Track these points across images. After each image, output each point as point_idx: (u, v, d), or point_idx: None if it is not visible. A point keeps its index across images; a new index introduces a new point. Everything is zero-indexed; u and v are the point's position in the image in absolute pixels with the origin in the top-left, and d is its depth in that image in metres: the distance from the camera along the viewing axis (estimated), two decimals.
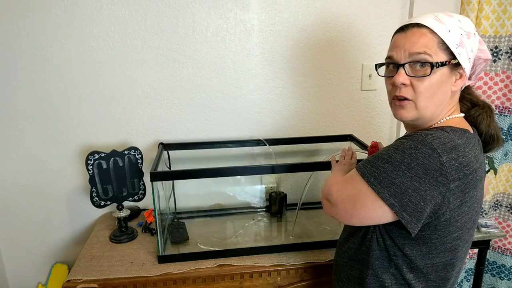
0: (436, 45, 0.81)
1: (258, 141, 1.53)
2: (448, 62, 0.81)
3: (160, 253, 1.23)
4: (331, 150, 1.65)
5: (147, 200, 1.40)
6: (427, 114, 0.84)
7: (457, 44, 0.81)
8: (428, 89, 0.82)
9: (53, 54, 1.39)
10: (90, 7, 1.36)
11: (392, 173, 0.77)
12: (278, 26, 1.48)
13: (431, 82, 0.81)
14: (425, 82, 0.81)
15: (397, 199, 0.77)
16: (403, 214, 0.77)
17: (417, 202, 0.76)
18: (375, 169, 0.80)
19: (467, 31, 0.82)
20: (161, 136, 1.53)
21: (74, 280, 1.15)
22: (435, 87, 0.82)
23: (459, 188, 0.77)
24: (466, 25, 0.83)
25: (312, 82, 1.57)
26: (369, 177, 0.80)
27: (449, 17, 0.83)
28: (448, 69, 0.82)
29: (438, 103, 0.84)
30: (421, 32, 0.81)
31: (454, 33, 0.81)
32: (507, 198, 1.75)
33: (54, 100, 1.43)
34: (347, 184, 0.85)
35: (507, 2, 1.47)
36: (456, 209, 0.79)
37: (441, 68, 0.80)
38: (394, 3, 1.52)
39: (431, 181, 0.75)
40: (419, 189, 0.76)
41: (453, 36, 0.81)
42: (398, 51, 0.84)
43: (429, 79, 0.81)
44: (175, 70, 1.47)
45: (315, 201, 1.66)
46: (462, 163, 0.77)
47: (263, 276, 1.22)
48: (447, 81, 0.83)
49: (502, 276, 1.83)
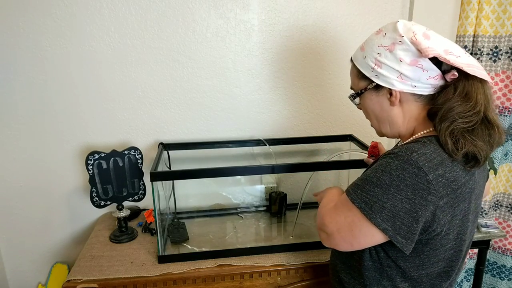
0: (356, 76, 0.90)
1: (258, 141, 1.53)
2: (364, 89, 0.88)
3: (160, 253, 1.23)
4: (331, 150, 1.65)
5: (147, 200, 1.39)
6: (389, 132, 0.90)
7: (371, 68, 0.85)
8: (365, 113, 0.94)
9: (53, 54, 1.39)
10: (90, 7, 1.36)
11: (383, 197, 0.75)
12: (278, 26, 1.48)
13: (365, 107, 0.92)
14: (362, 109, 0.94)
15: (390, 223, 0.75)
16: (398, 238, 0.76)
17: (410, 224, 0.75)
18: (365, 194, 0.78)
19: (388, 45, 0.81)
20: (161, 136, 1.53)
21: (74, 280, 1.15)
22: (370, 111, 0.91)
23: (448, 204, 0.76)
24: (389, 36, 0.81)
25: (312, 82, 1.57)
26: (360, 202, 0.78)
27: (375, 35, 0.86)
28: (370, 92, 0.88)
29: (391, 121, 0.88)
30: (351, 68, 0.93)
31: (369, 57, 0.85)
32: (507, 198, 1.75)
33: (54, 100, 1.43)
34: (339, 212, 0.83)
35: (507, 2, 1.47)
36: (447, 224, 0.78)
37: (362, 95, 0.90)
38: (394, 3, 1.52)
39: (420, 201, 0.74)
40: (411, 211, 0.74)
41: (367, 62, 0.86)
42: None
43: (362, 106, 0.93)
44: (175, 70, 1.47)
45: (315, 201, 1.65)
46: (449, 179, 0.75)
47: (263, 276, 1.22)
48: (380, 101, 0.87)
49: (502, 277, 1.83)
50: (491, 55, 1.53)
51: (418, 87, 0.81)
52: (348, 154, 1.54)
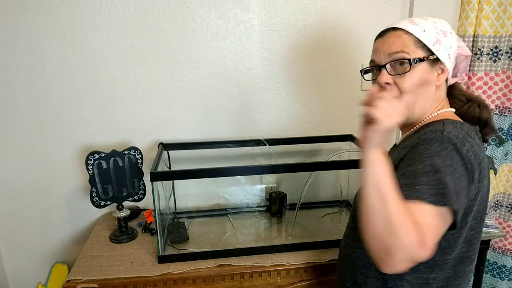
0: (412, 44, 0.85)
1: (258, 141, 1.53)
2: (426, 57, 0.85)
3: (160, 253, 1.23)
4: (331, 150, 1.65)
5: (147, 200, 1.39)
6: (416, 110, 0.87)
7: (434, 42, 0.85)
8: (411, 85, 0.85)
9: (53, 54, 1.39)
10: (90, 7, 1.36)
11: (447, 179, 0.72)
12: (278, 26, 1.48)
13: (412, 77, 0.84)
14: (407, 79, 0.85)
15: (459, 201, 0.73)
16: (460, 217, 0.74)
17: (464, 200, 0.75)
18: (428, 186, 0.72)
19: (443, 30, 0.87)
20: (161, 136, 1.53)
21: (74, 280, 1.15)
22: (417, 82, 0.85)
23: (477, 177, 0.77)
24: (442, 25, 0.88)
25: (312, 82, 1.57)
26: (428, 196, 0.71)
27: (423, 19, 0.88)
28: (427, 64, 0.85)
29: (424, 98, 0.87)
30: (397, 34, 0.87)
31: (429, 32, 0.86)
32: (507, 198, 1.75)
33: (54, 100, 1.43)
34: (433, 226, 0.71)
35: (507, 2, 1.47)
36: (473, 198, 0.79)
37: (419, 63, 0.84)
38: (394, 3, 1.52)
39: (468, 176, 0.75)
40: (465, 186, 0.75)
41: (428, 35, 0.85)
42: (378, 54, 0.89)
43: (410, 75, 0.84)
44: (175, 70, 1.47)
45: (315, 201, 1.66)
46: (474, 152, 0.77)
47: (263, 276, 1.22)
48: (429, 76, 0.86)
49: (502, 277, 1.83)
50: (491, 55, 1.53)
51: (450, 74, 0.90)
52: (348, 154, 1.55)
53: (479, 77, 1.55)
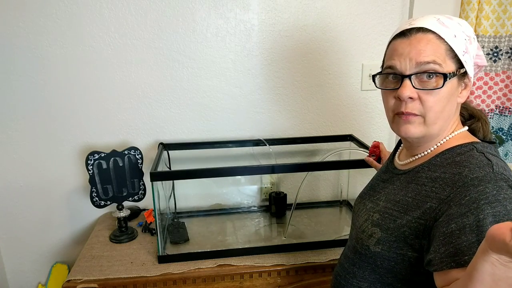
0: (444, 53, 0.72)
1: (258, 141, 1.53)
2: (457, 71, 0.72)
3: (160, 253, 1.23)
4: (331, 150, 1.64)
5: (147, 200, 1.39)
6: (435, 130, 0.75)
7: (463, 51, 0.73)
8: (438, 103, 0.72)
9: (53, 54, 1.39)
10: (90, 7, 1.36)
11: None
12: (278, 26, 1.48)
13: (442, 95, 0.72)
14: (436, 96, 0.71)
15: None
16: None
17: None
18: None
19: (469, 35, 0.75)
20: (161, 136, 1.53)
21: (74, 280, 1.15)
22: (445, 100, 0.72)
23: None
24: (467, 29, 0.75)
25: (312, 82, 1.57)
26: None
27: (449, 20, 0.74)
28: (456, 79, 0.73)
29: (446, 117, 0.75)
30: (427, 38, 0.72)
31: (460, 38, 0.73)
32: None
33: (54, 100, 1.43)
34: None
35: (507, 2, 1.47)
36: None
37: (452, 78, 0.72)
38: (394, 3, 1.52)
39: None
40: None
41: (459, 42, 0.72)
42: (402, 60, 0.73)
43: (439, 92, 0.71)
44: (175, 70, 1.47)
45: (315, 201, 1.66)
46: None
47: (263, 276, 1.22)
48: (455, 93, 0.74)
49: None
50: (491, 55, 1.53)
51: None
52: (348, 153, 1.55)
53: (479, 77, 1.55)
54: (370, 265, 0.81)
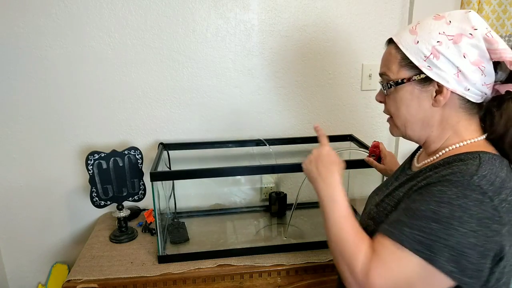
0: (397, 62, 0.76)
1: (258, 141, 1.53)
2: (406, 79, 0.75)
3: (160, 253, 1.23)
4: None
5: (147, 200, 1.39)
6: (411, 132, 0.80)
7: (425, 56, 0.72)
8: (394, 107, 0.79)
9: (53, 54, 1.39)
10: (90, 7, 1.36)
11: (444, 234, 0.63)
12: (278, 26, 1.48)
13: (395, 100, 0.78)
14: (391, 101, 0.80)
15: (455, 264, 0.62)
16: (464, 279, 0.63)
17: (477, 262, 0.63)
18: (418, 232, 0.64)
19: (453, 34, 0.71)
20: (161, 136, 1.53)
21: (74, 280, 1.15)
22: (400, 105, 0.78)
23: (510, 231, 0.66)
24: (457, 26, 0.71)
25: (312, 82, 1.57)
26: (413, 244, 0.64)
27: (434, 20, 0.74)
28: (413, 85, 0.75)
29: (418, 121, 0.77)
30: (389, 51, 0.79)
31: (424, 43, 0.72)
32: None
33: (54, 100, 1.43)
34: (390, 264, 0.66)
35: (507, 2, 1.47)
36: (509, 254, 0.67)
37: (401, 85, 0.76)
38: (394, 3, 1.52)
39: (486, 232, 0.63)
40: (477, 245, 0.62)
41: (420, 48, 0.73)
42: None
43: (393, 97, 0.79)
44: (175, 70, 1.47)
45: (315, 201, 1.65)
46: (511, 202, 0.65)
47: (263, 276, 1.22)
48: (419, 98, 0.75)
49: None
50: None
51: (470, 92, 0.73)
52: (348, 153, 1.55)
53: None
54: None
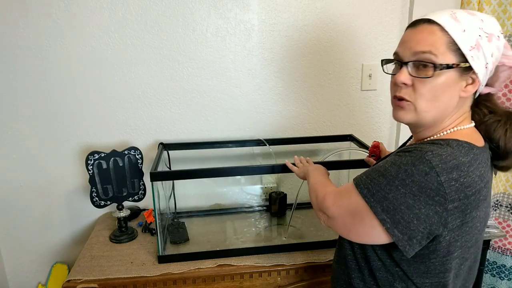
0: (445, 45, 0.74)
1: (258, 141, 1.53)
2: (456, 65, 0.73)
3: (160, 253, 1.23)
4: (331, 150, 1.64)
5: (147, 200, 1.39)
6: (428, 118, 0.78)
7: (471, 46, 0.73)
8: (429, 92, 0.75)
9: (53, 54, 1.39)
10: (90, 7, 1.36)
11: (386, 187, 0.73)
12: (278, 26, 1.48)
13: (434, 85, 0.74)
14: (427, 85, 0.75)
15: (389, 215, 0.73)
16: (394, 231, 0.73)
17: (410, 220, 0.72)
18: (369, 180, 0.77)
19: (488, 33, 0.75)
20: (161, 136, 1.53)
21: (74, 280, 1.15)
22: (438, 91, 0.75)
23: (459, 208, 0.72)
24: (490, 26, 0.76)
25: (312, 82, 1.57)
26: (362, 188, 0.77)
27: (469, 15, 0.76)
28: (456, 72, 0.74)
29: (442, 109, 0.77)
30: (430, 30, 0.75)
31: (470, 33, 0.74)
32: (507, 198, 1.75)
33: (54, 100, 1.43)
34: (342, 196, 0.82)
35: (507, 2, 1.47)
36: (456, 229, 0.74)
37: (447, 70, 0.74)
38: (394, 3, 1.52)
39: (426, 199, 0.71)
40: (413, 206, 0.71)
41: (467, 37, 0.73)
42: (403, 47, 0.78)
43: (431, 81, 0.74)
44: (175, 70, 1.47)
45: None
46: (463, 184, 0.71)
47: (263, 276, 1.22)
48: (455, 86, 0.76)
49: (502, 276, 1.83)
50: None
51: (482, 86, 0.79)
52: (348, 153, 1.55)
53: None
54: None
